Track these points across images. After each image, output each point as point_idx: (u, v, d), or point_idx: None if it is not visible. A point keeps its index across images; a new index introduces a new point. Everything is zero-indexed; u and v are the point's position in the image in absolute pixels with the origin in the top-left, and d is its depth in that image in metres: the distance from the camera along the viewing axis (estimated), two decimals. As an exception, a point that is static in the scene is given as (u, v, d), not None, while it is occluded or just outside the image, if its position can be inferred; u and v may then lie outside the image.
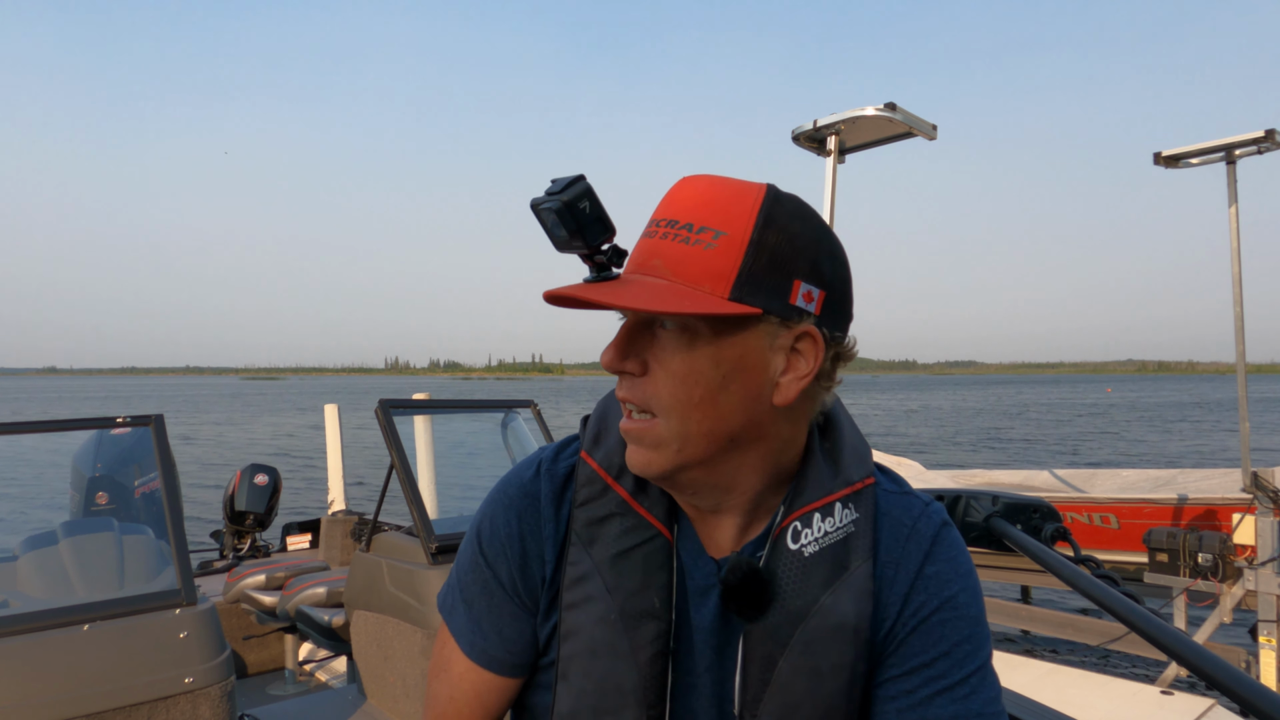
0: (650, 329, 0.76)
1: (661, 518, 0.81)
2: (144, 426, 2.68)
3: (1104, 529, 7.61)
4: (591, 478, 0.84)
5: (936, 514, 0.84)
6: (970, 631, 0.79)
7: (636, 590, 0.79)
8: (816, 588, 0.77)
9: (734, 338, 0.73)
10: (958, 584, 0.80)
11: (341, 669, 4.35)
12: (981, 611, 0.81)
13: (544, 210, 0.72)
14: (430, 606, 2.90)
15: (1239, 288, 5.46)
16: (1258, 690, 0.74)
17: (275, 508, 6.05)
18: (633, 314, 0.76)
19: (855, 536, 0.79)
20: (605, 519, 0.82)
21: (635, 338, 0.77)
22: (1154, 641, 0.86)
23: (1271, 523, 5.06)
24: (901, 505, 0.83)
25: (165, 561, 2.51)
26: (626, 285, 0.73)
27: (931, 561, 0.81)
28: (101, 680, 2.18)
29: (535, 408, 3.95)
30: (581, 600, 0.81)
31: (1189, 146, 5.43)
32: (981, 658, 0.79)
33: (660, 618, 0.79)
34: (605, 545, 0.81)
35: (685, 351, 0.74)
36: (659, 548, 0.81)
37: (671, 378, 0.74)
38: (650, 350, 0.76)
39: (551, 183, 0.72)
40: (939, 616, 0.79)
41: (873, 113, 4.60)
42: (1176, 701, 3.10)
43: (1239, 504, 6.33)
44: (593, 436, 0.87)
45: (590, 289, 0.72)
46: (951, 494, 1.26)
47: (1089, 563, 1.08)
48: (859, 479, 0.82)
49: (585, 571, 0.81)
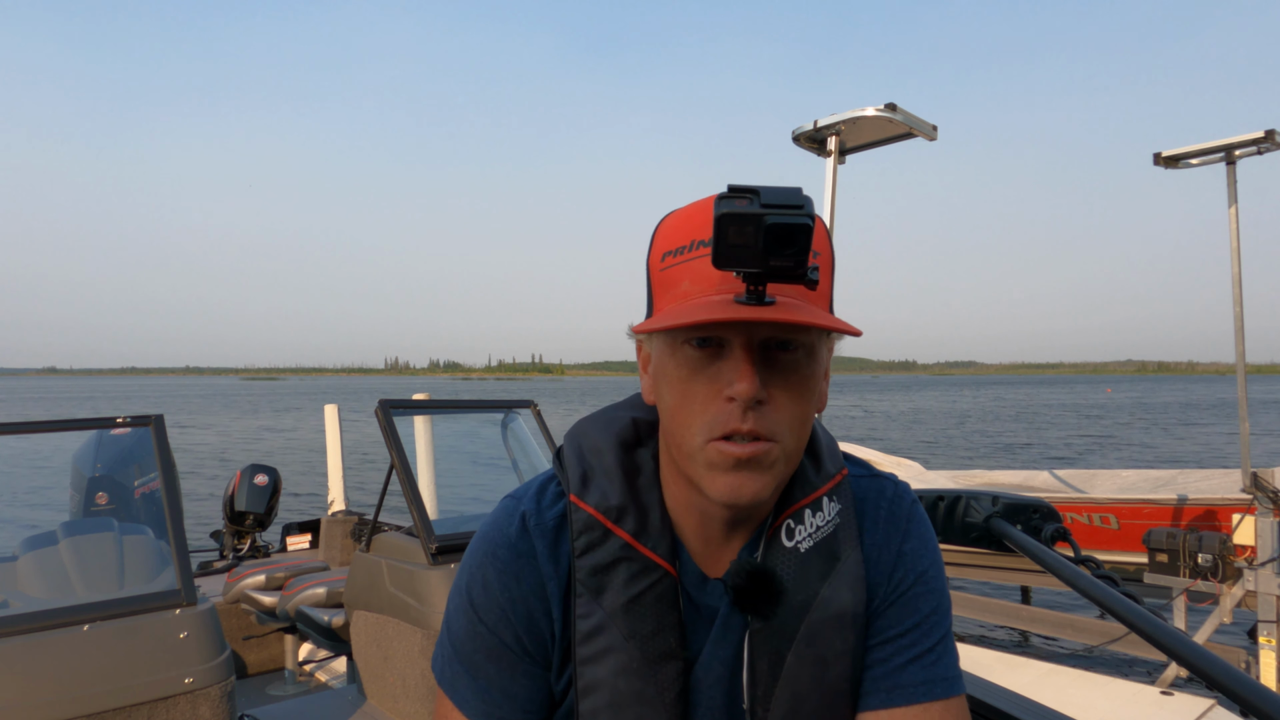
0: (766, 354, 0.72)
1: (665, 556, 0.80)
2: (144, 426, 2.68)
3: (1104, 529, 7.60)
4: (589, 524, 0.81)
5: (905, 492, 0.89)
6: (937, 603, 0.84)
7: (653, 634, 0.79)
8: (815, 581, 0.80)
9: (824, 352, 0.77)
10: (928, 558, 0.85)
11: (341, 669, 4.35)
12: (945, 583, 0.87)
13: (786, 224, 0.62)
14: (430, 606, 2.90)
15: (1239, 288, 5.46)
16: (1258, 690, 0.74)
17: (275, 508, 6.04)
18: (757, 337, 0.71)
19: (842, 527, 0.83)
20: (611, 565, 0.80)
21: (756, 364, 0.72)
22: (1154, 641, 0.86)
23: (1271, 523, 5.06)
24: (875, 489, 0.88)
25: (165, 561, 2.51)
26: (787, 306, 0.68)
27: (907, 539, 0.85)
28: (101, 680, 2.18)
29: (535, 408, 3.95)
30: (599, 653, 0.79)
31: (1189, 147, 5.42)
32: (945, 626, 0.84)
33: (677, 656, 0.79)
34: (615, 593, 0.79)
35: (803, 371, 0.74)
36: (668, 588, 0.80)
37: (797, 401, 0.73)
38: (768, 375, 0.72)
39: (755, 191, 0.63)
40: (914, 590, 0.84)
41: (873, 113, 4.60)
42: (1176, 701, 3.10)
43: (1239, 504, 6.32)
44: (579, 479, 0.83)
45: (772, 311, 0.66)
46: (951, 494, 1.26)
47: (1089, 563, 1.08)
48: (836, 471, 0.85)
49: (599, 623, 0.79)
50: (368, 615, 3.25)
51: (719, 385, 0.72)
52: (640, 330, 0.74)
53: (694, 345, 0.72)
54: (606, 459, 0.83)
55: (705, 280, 0.71)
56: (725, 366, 0.72)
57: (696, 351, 0.72)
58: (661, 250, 0.76)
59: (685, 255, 0.73)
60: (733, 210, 0.62)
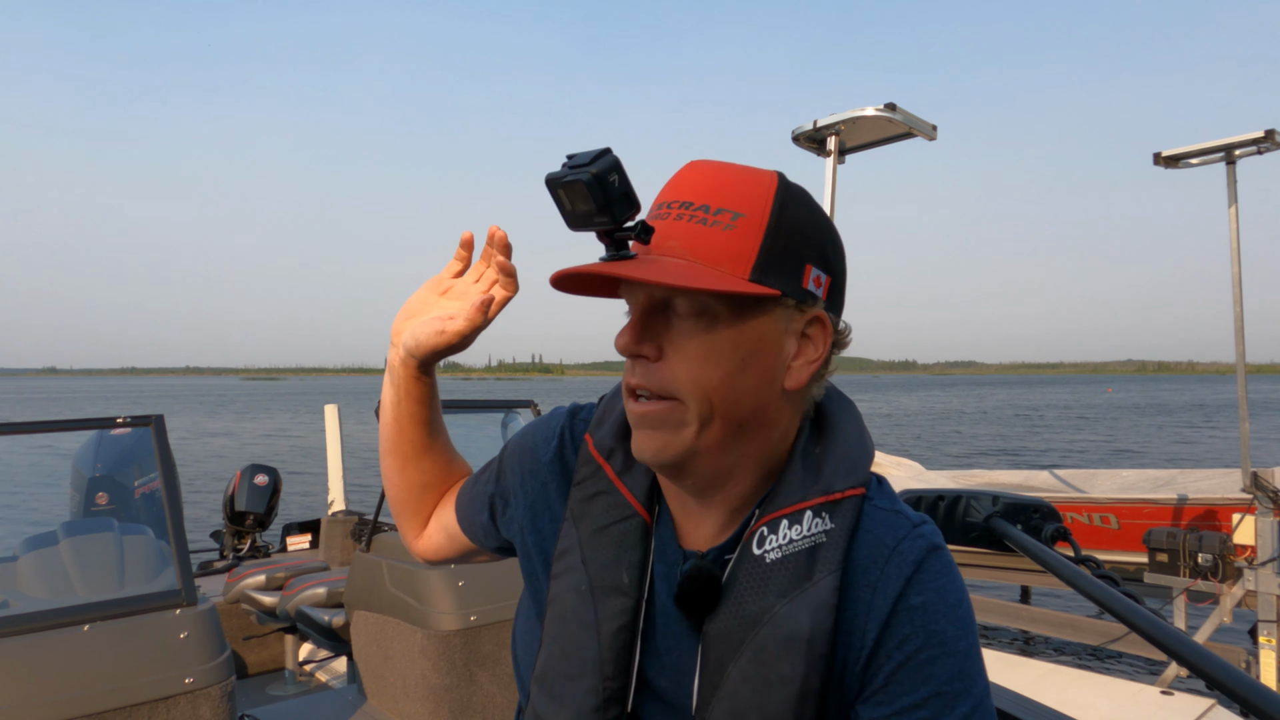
0: (665, 313, 0.75)
1: (641, 498, 0.83)
2: (144, 427, 2.68)
3: (1104, 529, 7.61)
4: (588, 458, 0.87)
5: (926, 537, 0.77)
6: (961, 667, 0.73)
7: (608, 565, 0.81)
8: (772, 595, 0.74)
9: (753, 320, 0.74)
10: (946, 617, 0.74)
11: (341, 669, 4.35)
12: (973, 644, 0.75)
13: (568, 183, 0.67)
14: (430, 606, 2.90)
15: (1239, 288, 5.46)
16: (1258, 690, 0.74)
17: (275, 508, 6.05)
18: (648, 297, 0.75)
19: (825, 548, 0.75)
20: (594, 496, 0.85)
21: (650, 322, 0.75)
22: (1154, 641, 0.86)
23: (1271, 523, 5.06)
24: (886, 523, 0.78)
25: (165, 561, 2.51)
26: (650, 263, 0.71)
27: (917, 590, 0.75)
28: (102, 680, 2.18)
29: (535, 408, 3.95)
30: (563, 571, 0.84)
31: (1189, 147, 5.43)
32: (976, 695, 0.73)
33: (628, 594, 0.79)
34: (589, 521, 0.84)
35: (704, 334, 0.73)
36: (635, 526, 0.82)
37: (690, 361, 0.73)
38: (666, 335, 0.75)
39: (569, 157, 0.69)
40: (927, 654, 0.73)
41: (873, 113, 4.60)
42: (1176, 701, 3.10)
43: (1239, 504, 6.33)
44: (598, 418, 0.89)
45: (615, 266, 0.70)
46: (951, 494, 1.26)
47: (1089, 563, 1.08)
48: (842, 489, 0.77)
49: (570, 545, 0.84)
50: (368, 615, 3.25)
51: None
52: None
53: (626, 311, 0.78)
54: (619, 404, 0.88)
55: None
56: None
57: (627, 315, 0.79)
58: None
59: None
60: (550, 175, 0.69)
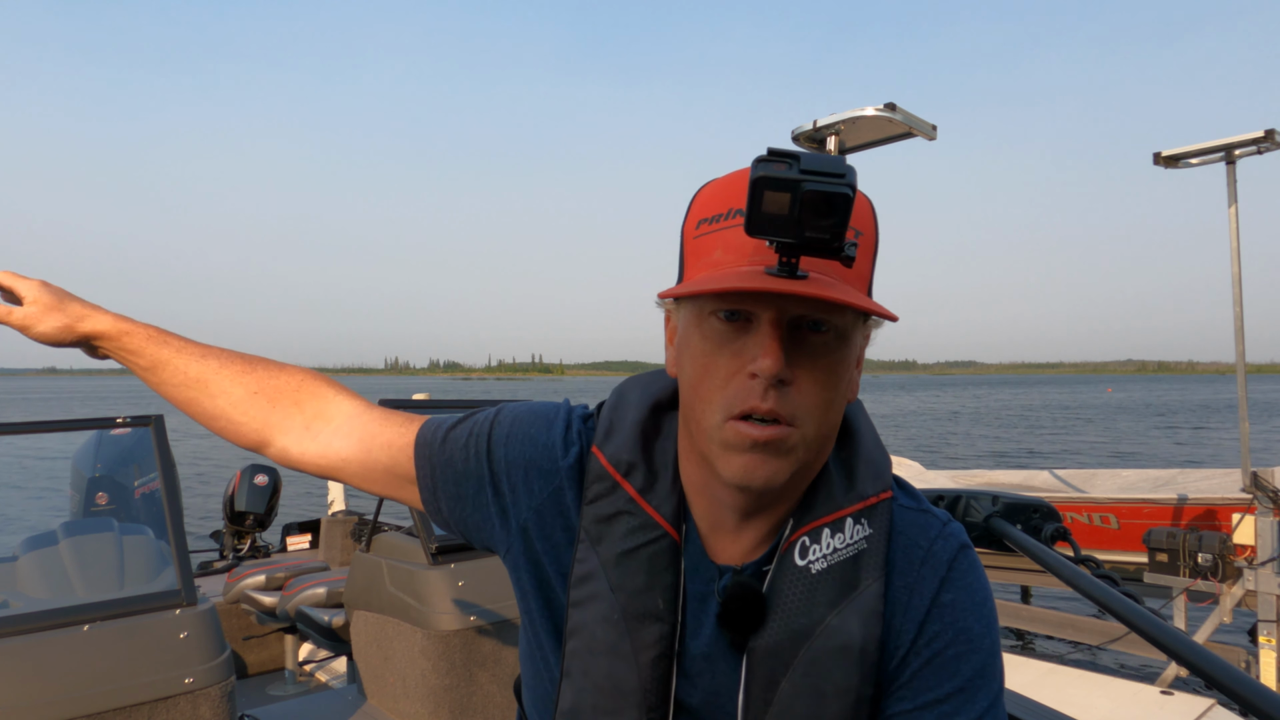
0: (797, 333, 0.69)
1: (669, 517, 0.79)
2: (144, 427, 2.68)
3: (1104, 529, 7.61)
4: (601, 474, 0.81)
5: (955, 535, 0.79)
6: (984, 664, 0.75)
7: (640, 590, 0.77)
8: (822, 607, 0.73)
9: (857, 338, 0.73)
10: (974, 614, 0.76)
11: (341, 669, 4.35)
12: (996, 641, 0.77)
13: (827, 195, 0.59)
14: (430, 606, 2.90)
15: (1239, 288, 5.45)
16: (1258, 690, 0.74)
17: (275, 508, 6.05)
18: (785, 315, 0.68)
19: (867, 554, 0.75)
20: (613, 517, 0.79)
21: (784, 343, 0.69)
22: (1154, 641, 0.85)
23: (1271, 523, 5.05)
24: (918, 524, 0.79)
25: (165, 562, 2.51)
26: (826, 284, 0.65)
27: (948, 588, 0.76)
28: (102, 680, 2.17)
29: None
30: (587, 598, 0.79)
31: (1189, 146, 5.42)
32: (994, 691, 0.75)
33: (664, 620, 0.76)
34: (611, 544, 0.79)
35: (834, 355, 0.70)
36: (665, 548, 0.78)
37: (818, 384, 0.70)
38: (796, 356, 0.69)
39: (795, 156, 0.59)
40: (954, 650, 0.75)
41: (872, 113, 4.59)
42: (1176, 701, 3.10)
43: (1239, 504, 6.33)
44: (605, 430, 0.83)
45: (804, 286, 0.64)
46: (951, 494, 1.26)
47: (1089, 563, 1.08)
48: (874, 493, 0.78)
49: (591, 570, 0.79)
50: (368, 615, 3.25)
51: (742, 360, 0.69)
52: (666, 295, 0.72)
53: (721, 318, 0.69)
54: (630, 415, 0.83)
55: (738, 250, 0.69)
56: (751, 342, 0.69)
57: (723, 324, 0.69)
58: (697, 218, 0.74)
59: (720, 223, 0.71)
60: (769, 174, 0.59)
